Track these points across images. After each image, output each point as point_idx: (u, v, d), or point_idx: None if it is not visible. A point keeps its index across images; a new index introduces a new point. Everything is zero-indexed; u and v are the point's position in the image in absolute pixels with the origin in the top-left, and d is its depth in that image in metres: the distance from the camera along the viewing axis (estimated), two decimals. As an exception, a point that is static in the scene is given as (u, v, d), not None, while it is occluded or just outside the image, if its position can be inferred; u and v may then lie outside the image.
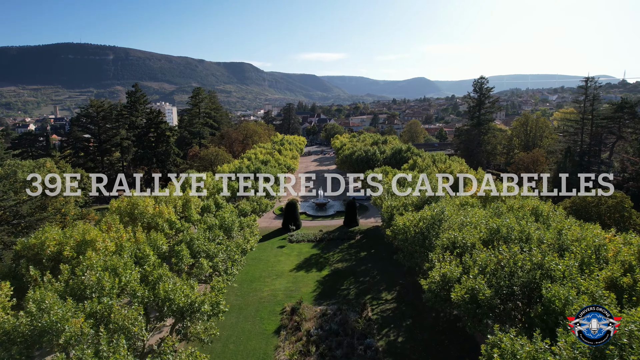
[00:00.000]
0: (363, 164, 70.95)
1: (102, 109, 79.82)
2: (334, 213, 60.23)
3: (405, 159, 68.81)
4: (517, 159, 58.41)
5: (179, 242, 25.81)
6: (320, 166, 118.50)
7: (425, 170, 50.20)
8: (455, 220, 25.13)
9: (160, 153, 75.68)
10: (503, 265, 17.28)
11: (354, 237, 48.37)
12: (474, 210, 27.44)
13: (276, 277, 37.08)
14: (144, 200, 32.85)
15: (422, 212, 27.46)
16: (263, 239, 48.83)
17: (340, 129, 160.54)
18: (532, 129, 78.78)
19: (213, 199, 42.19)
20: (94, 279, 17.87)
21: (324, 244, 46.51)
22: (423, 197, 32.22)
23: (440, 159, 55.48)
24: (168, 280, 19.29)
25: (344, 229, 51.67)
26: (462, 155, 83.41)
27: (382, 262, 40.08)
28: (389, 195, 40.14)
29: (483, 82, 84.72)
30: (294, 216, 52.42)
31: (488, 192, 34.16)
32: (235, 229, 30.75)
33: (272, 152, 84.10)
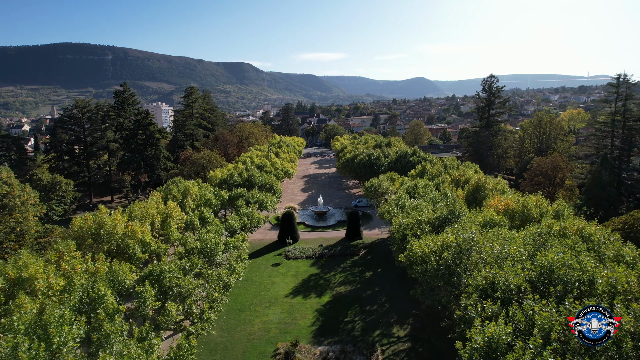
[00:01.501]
0: (366, 169, 66.03)
1: (88, 110, 74.91)
2: (334, 223, 55.27)
3: (412, 163, 63.94)
4: (534, 165, 53.51)
5: (145, 277, 20.86)
6: (320, 169, 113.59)
7: (437, 178, 45.33)
8: (488, 251, 20.22)
9: (148, 157, 70.75)
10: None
11: (358, 252, 43.45)
12: (508, 233, 22.53)
13: (269, 304, 32.15)
14: (114, 217, 27.94)
15: (444, 237, 22.55)
16: (256, 255, 43.95)
17: (341, 129, 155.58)
18: (545, 130, 73.83)
19: (198, 213, 37.29)
20: (8, 345, 12.94)
21: (324, 261, 41.59)
22: (442, 214, 27.29)
23: (452, 164, 50.56)
24: (116, 342, 14.35)
25: (346, 243, 46.77)
26: (471, 159, 78.54)
27: (390, 284, 35.19)
28: (399, 209, 35.25)
29: (492, 80, 79.75)
30: (291, 228, 47.54)
31: (516, 208, 29.24)
32: (218, 254, 25.80)
33: (269, 155, 79.27)
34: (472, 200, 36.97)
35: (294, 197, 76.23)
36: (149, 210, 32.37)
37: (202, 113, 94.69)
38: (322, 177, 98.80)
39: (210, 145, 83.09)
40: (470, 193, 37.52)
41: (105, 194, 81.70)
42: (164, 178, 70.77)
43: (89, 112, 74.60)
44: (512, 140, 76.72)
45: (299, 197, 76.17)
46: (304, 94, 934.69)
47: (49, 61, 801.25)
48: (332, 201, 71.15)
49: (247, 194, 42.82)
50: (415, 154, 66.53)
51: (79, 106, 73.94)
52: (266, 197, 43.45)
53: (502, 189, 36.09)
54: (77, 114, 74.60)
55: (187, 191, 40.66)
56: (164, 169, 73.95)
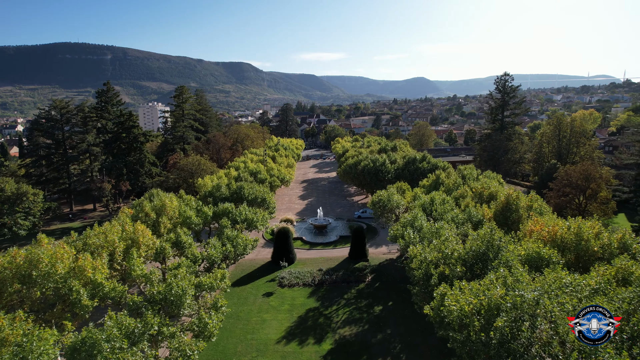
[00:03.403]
0: (371, 177, 59.76)
1: (67, 111, 68.70)
2: (336, 239, 49.06)
3: (422, 170, 57.68)
4: (562, 174, 47.26)
5: (74, 350, 14.63)
6: (320, 173, 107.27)
7: (455, 191, 39.03)
8: (556, 312, 14.05)
9: (132, 162, 64.48)
10: None
11: (364, 278, 37.25)
12: (576, 281, 16.31)
13: (257, 353, 25.94)
14: (56, 252, 21.77)
15: (489, 289, 16.32)
16: (246, 280, 37.78)
17: (341, 131, 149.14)
18: (565, 133, 67.50)
19: (174, 236, 31.07)
20: None
21: (325, 290, 35.38)
22: (477, 249, 21.01)
23: (471, 174, 44.24)
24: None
25: (349, 265, 40.57)
26: (485, 164, 72.31)
27: (405, 324, 29.01)
28: (415, 232, 29.01)
29: (507, 79, 73.46)
30: (286, 248, 41.35)
31: (567, 237, 23.04)
32: (186, 303, 19.59)
33: (265, 160, 73.08)
34: (502, 221, 30.77)
35: (292, 206, 70.08)
36: (109, 236, 26.16)
37: (193, 114, 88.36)
38: (322, 182, 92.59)
39: (201, 148, 76.86)
40: (500, 212, 31.30)
41: (88, 201, 75.49)
42: (149, 185, 64.56)
43: (69, 114, 68.39)
44: (529, 144, 70.12)
45: (296, 206, 70.00)
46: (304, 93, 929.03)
47: (48, 61, 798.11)
48: (333, 211, 65.00)
49: (234, 210, 36.54)
50: (424, 159, 60.27)
51: (57, 107, 67.74)
52: (256, 214, 37.15)
53: (540, 207, 29.83)
54: (55, 115, 68.42)
55: (164, 208, 34.46)
56: (149, 175, 67.67)
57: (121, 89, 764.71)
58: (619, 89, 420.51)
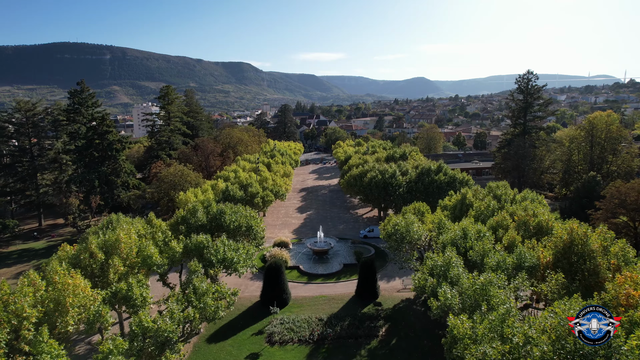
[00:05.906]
0: (379, 191, 51.51)
1: (34, 113, 60.61)
2: (339, 268, 40.91)
3: (438, 184, 49.52)
4: (613, 192, 39.12)
5: None
6: (320, 180, 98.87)
7: (490, 219, 30.75)
8: None
9: (106, 172, 56.30)
10: None
11: (376, 331, 29.10)
12: None
13: None
14: None
15: None
16: (226, 331, 29.68)
17: (343, 133, 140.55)
18: (599, 139, 59.16)
19: (125, 286, 22.90)
20: None
21: (326, 349, 27.29)
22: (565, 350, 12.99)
23: (506, 193, 35.84)
24: None
25: (357, 308, 32.51)
26: (507, 175, 64.04)
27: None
28: (452, 289, 20.88)
29: (530, 78, 65.20)
30: (279, 286, 33.20)
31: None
32: None
33: (258, 168, 64.95)
34: (566, 268, 22.66)
35: (288, 221, 61.90)
36: (15, 302, 18.02)
37: (180, 117, 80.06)
38: (323, 190, 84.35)
39: (188, 155, 68.65)
40: (561, 256, 23.15)
41: (60, 215, 67.36)
42: (124, 200, 56.36)
43: (35, 117, 60.27)
44: (559, 152, 61.43)
45: (293, 221, 61.82)
46: (304, 94, 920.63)
47: (47, 61, 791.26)
48: (335, 227, 56.87)
49: (211, 245, 28.31)
50: (440, 170, 52.12)
51: (22, 109, 59.61)
52: (238, 251, 28.86)
53: (624, 253, 21.59)
54: (20, 118, 60.32)
55: (117, 244, 26.31)
56: (125, 187, 59.35)
57: (120, 89, 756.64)
58: (623, 89, 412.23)
